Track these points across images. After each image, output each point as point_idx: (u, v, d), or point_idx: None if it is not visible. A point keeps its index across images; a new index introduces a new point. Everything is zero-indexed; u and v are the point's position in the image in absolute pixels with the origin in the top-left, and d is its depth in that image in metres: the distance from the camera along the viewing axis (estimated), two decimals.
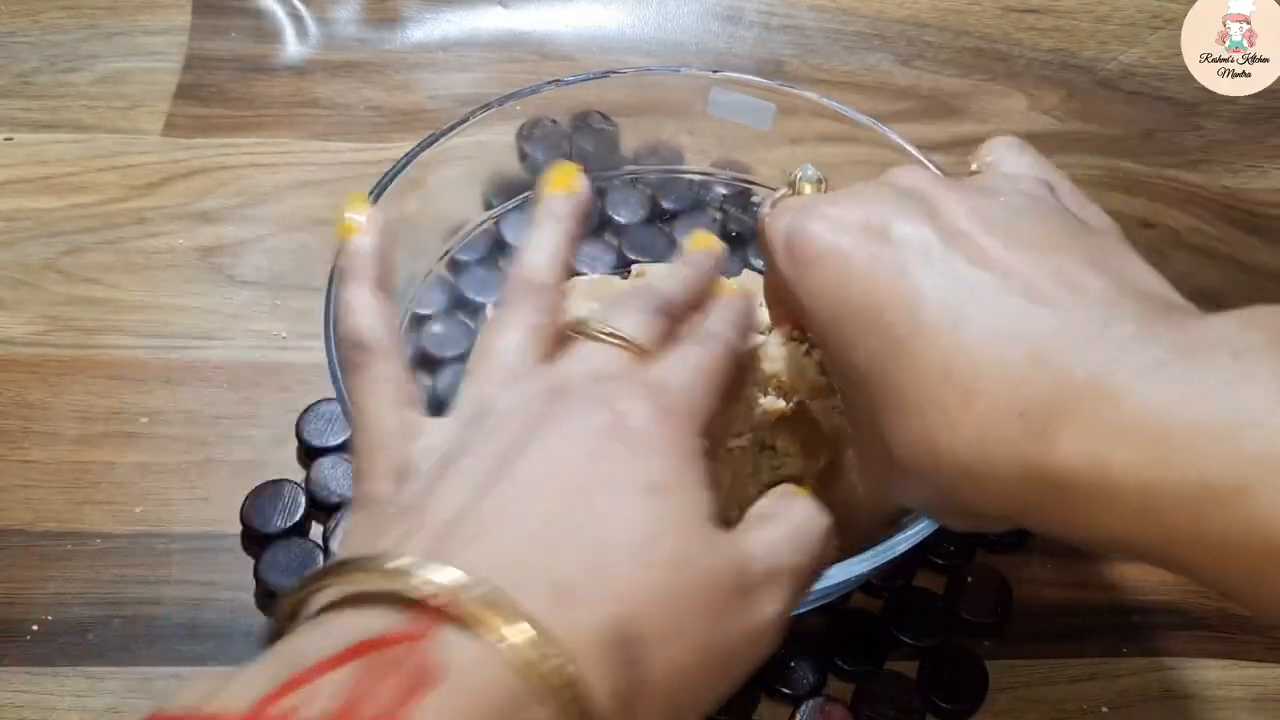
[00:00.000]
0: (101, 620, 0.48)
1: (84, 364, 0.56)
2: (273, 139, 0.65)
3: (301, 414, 0.53)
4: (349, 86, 0.68)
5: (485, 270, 0.56)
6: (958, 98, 0.69)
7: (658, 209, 0.59)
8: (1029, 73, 0.71)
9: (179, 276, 0.59)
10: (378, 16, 0.71)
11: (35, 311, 0.57)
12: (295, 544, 0.49)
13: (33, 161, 0.63)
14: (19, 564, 0.50)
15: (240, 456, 0.53)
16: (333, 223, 0.61)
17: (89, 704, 0.46)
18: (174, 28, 0.70)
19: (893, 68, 0.71)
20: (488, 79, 0.69)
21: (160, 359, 0.56)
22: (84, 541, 0.50)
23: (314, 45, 0.70)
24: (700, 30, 0.72)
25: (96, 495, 0.52)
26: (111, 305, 0.58)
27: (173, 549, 0.50)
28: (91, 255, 0.60)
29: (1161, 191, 0.65)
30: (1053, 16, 0.73)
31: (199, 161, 0.64)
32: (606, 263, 0.57)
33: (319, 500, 0.51)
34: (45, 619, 0.48)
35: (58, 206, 0.61)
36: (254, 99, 0.67)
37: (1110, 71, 0.71)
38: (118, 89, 0.67)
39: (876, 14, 0.73)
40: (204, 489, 0.52)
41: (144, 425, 0.54)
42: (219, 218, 0.62)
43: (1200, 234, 0.63)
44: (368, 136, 0.66)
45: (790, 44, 0.71)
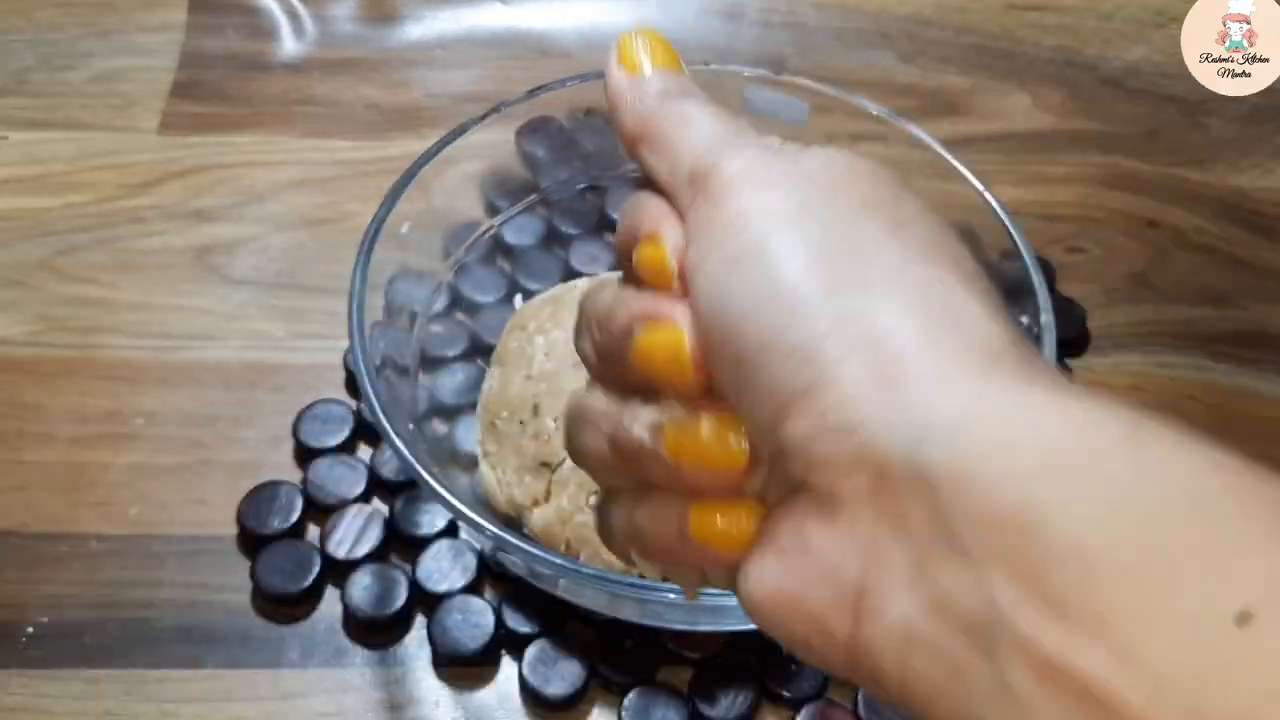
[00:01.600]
0: (97, 623, 0.48)
1: (79, 364, 0.55)
2: (269, 137, 0.65)
3: (298, 415, 0.53)
4: (346, 84, 0.68)
5: (485, 270, 0.55)
6: (960, 96, 0.69)
7: None
8: (1032, 71, 0.70)
9: (175, 276, 0.59)
10: (375, 14, 0.71)
11: (30, 311, 0.57)
12: (292, 546, 0.49)
13: (28, 160, 0.63)
14: (14, 566, 0.49)
15: (236, 458, 0.53)
16: (330, 222, 0.61)
17: (85, 707, 0.46)
18: (170, 25, 0.69)
19: (894, 65, 0.70)
20: (486, 76, 0.68)
21: (156, 359, 0.56)
22: (79, 543, 0.50)
23: (311, 43, 0.70)
24: (701, 27, 0.72)
25: (92, 497, 0.51)
26: (107, 305, 0.58)
27: (168, 551, 0.50)
28: (87, 255, 0.59)
29: (1165, 190, 0.64)
30: (1056, 14, 0.72)
31: (195, 160, 0.63)
32: (606, 262, 0.57)
33: (316, 502, 0.50)
34: (40, 621, 0.48)
35: (53, 205, 0.61)
36: (250, 97, 0.67)
37: (1114, 69, 0.70)
38: (113, 87, 0.66)
39: (878, 11, 0.72)
40: (200, 490, 0.52)
41: (139, 426, 0.53)
42: (215, 217, 0.61)
43: (1204, 233, 0.63)
44: (365, 134, 0.65)
45: (791, 41, 0.71)
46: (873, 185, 0.26)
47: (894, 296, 0.23)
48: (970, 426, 0.21)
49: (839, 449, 0.23)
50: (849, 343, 0.23)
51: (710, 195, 0.26)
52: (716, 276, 0.25)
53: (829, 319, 0.23)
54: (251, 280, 0.59)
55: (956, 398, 0.22)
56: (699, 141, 0.28)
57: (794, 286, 0.24)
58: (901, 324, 0.23)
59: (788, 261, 0.24)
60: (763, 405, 0.24)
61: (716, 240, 0.26)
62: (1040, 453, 0.21)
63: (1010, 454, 0.21)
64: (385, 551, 0.49)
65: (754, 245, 0.25)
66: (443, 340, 0.53)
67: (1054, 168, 0.65)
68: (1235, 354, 0.58)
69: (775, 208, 0.25)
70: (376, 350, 0.46)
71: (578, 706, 0.46)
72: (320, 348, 0.56)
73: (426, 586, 0.48)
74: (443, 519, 0.50)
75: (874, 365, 0.22)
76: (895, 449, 0.22)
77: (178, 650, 0.47)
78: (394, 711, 0.46)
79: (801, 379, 0.23)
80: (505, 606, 0.48)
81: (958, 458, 0.21)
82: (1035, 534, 0.20)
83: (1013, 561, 0.20)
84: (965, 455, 0.21)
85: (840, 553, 0.23)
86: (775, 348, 0.24)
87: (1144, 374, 0.57)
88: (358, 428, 0.53)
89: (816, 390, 0.23)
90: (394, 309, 0.49)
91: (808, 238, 0.24)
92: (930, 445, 0.21)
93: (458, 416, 0.52)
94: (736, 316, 0.24)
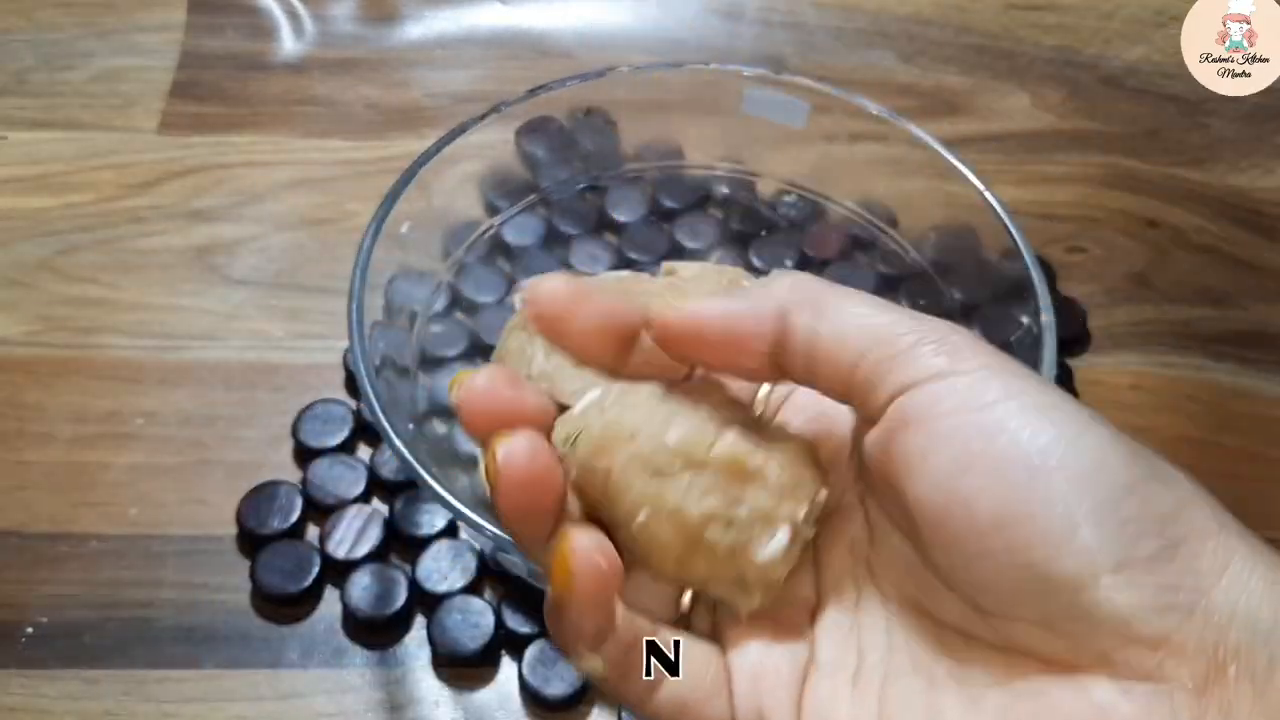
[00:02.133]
0: (96, 622, 0.48)
1: (79, 364, 0.55)
2: (269, 137, 0.65)
3: (298, 415, 0.53)
4: (346, 84, 0.68)
5: (485, 270, 0.55)
6: (960, 95, 0.69)
7: (658, 207, 0.58)
8: (1032, 70, 0.70)
9: (174, 276, 0.59)
10: (375, 13, 0.71)
11: (30, 311, 0.57)
12: (291, 546, 0.49)
13: (27, 160, 0.63)
14: (13, 566, 0.49)
15: (236, 458, 0.53)
16: (329, 221, 0.61)
17: (84, 706, 0.46)
18: (169, 25, 0.69)
19: (894, 65, 0.70)
20: (485, 76, 0.68)
21: (155, 359, 0.56)
22: (79, 543, 0.50)
23: (310, 42, 0.70)
24: (701, 26, 0.72)
25: (91, 497, 0.51)
26: (106, 305, 0.57)
27: (168, 551, 0.50)
28: (86, 255, 0.59)
29: (1165, 190, 0.64)
30: (1056, 13, 0.72)
31: (194, 160, 0.63)
32: (605, 262, 0.57)
33: (315, 502, 0.50)
34: (40, 621, 0.48)
35: (52, 205, 0.61)
36: (250, 97, 0.67)
37: (1114, 69, 0.70)
38: (113, 87, 0.66)
39: (878, 11, 0.72)
40: (199, 490, 0.52)
41: (139, 426, 0.53)
42: (215, 216, 0.61)
43: (1204, 233, 0.63)
44: (364, 134, 0.65)
45: (791, 41, 0.71)
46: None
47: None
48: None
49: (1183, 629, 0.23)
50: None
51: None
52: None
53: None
54: (251, 280, 0.59)
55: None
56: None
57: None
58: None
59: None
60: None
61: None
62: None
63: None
64: (385, 552, 0.49)
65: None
66: (442, 340, 0.53)
67: (1054, 167, 0.65)
68: (1236, 354, 0.58)
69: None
70: (376, 350, 0.46)
71: (577, 707, 0.46)
72: (320, 348, 0.56)
73: (426, 587, 0.48)
74: (442, 519, 0.50)
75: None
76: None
77: (177, 650, 0.47)
78: (394, 712, 0.46)
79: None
80: (505, 607, 0.48)
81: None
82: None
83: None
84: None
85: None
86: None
87: (1144, 373, 0.57)
88: (357, 428, 0.53)
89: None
90: (394, 309, 0.49)
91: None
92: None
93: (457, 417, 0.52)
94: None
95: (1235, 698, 0.22)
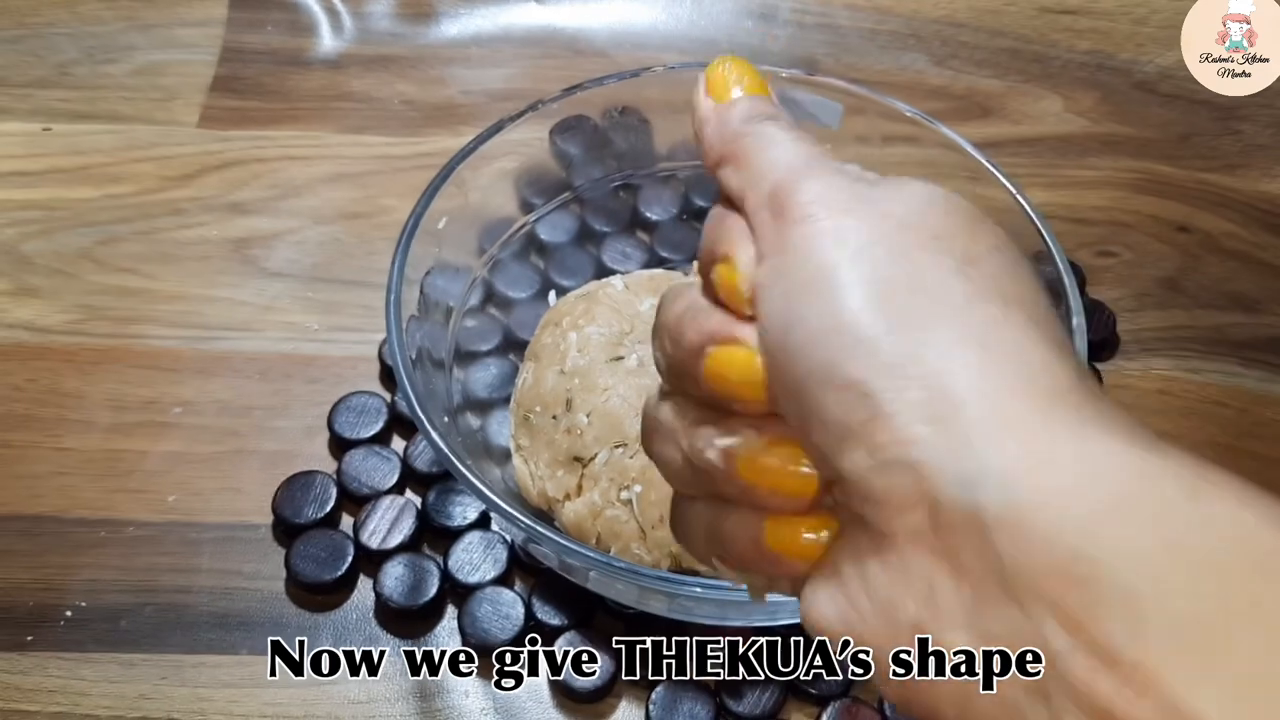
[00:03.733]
0: (134, 608, 0.49)
1: (118, 353, 0.56)
2: (307, 132, 0.66)
3: (333, 406, 0.53)
4: (382, 80, 0.68)
5: (519, 266, 0.56)
6: (992, 99, 0.69)
7: (690, 206, 0.59)
8: (1065, 74, 0.70)
9: (212, 268, 0.60)
10: (412, 11, 0.72)
11: (71, 300, 0.58)
12: (326, 535, 0.50)
13: (70, 152, 0.64)
14: (53, 551, 0.50)
15: (271, 447, 0.53)
16: (365, 216, 0.62)
17: (120, 690, 0.47)
18: (211, 20, 0.70)
19: (927, 68, 0.70)
20: (521, 74, 0.69)
21: (193, 350, 0.56)
22: (117, 529, 0.51)
23: (348, 39, 0.70)
24: (733, 27, 0.72)
25: (129, 484, 0.52)
26: (146, 295, 0.58)
27: (204, 538, 0.51)
28: (126, 245, 0.60)
29: (1197, 196, 0.64)
30: (1090, 18, 0.72)
31: (234, 154, 0.64)
32: (638, 260, 0.58)
33: (350, 492, 0.51)
34: (79, 605, 0.49)
35: (94, 196, 0.62)
36: (289, 92, 0.67)
37: (1147, 74, 0.70)
38: (154, 81, 0.67)
39: (912, 13, 0.72)
40: (236, 479, 0.52)
41: (177, 415, 0.54)
42: (253, 210, 0.62)
43: (1236, 239, 0.63)
44: (401, 130, 0.66)
45: (824, 42, 0.71)
46: (946, 218, 0.26)
47: (955, 335, 0.23)
48: (1026, 473, 0.21)
49: (894, 486, 0.23)
50: (907, 380, 0.23)
51: (784, 218, 0.26)
52: (783, 302, 0.25)
53: (888, 354, 0.23)
54: (288, 273, 0.60)
55: (1013, 442, 0.22)
56: (779, 163, 0.27)
57: (856, 319, 0.24)
58: (961, 363, 0.23)
59: (852, 293, 0.24)
60: (822, 434, 0.24)
61: (786, 265, 0.25)
62: (1096, 503, 0.21)
63: (1065, 503, 0.21)
64: (417, 542, 0.50)
65: (820, 273, 0.25)
66: (477, 335, 0.54)
67: (1085, 171, 0.65)
68: (1266, 360, 0.58)
69: (845, 236, 0.25)
70: (412, 343, 0.46)
71: (605, 699, 0.47)
72: (355, 340, 0.57)
73: (458, 577, 0.49)
74: (474, 511, 0.51)
75: (931, 405, 0.22)
76: (949, 491, 0.22)
77: (213, 636, 0.48)
78: (424, 700, 0.47)
79: (859, 413, 0.23)
80: (535, 598, 0.48)
81: (1012, 505, 0.21)
82: (1088, 584, 0.20)
83: (1065, 609, 0.20)
84: (1019, 503, 0.21)
85: (896, 589, 0.23)
86: (834, 379, 0.23)
87: (1173, 379, 0.57)
88: (392, 420, 0.53)
89: (873, 425, 0.23)
90: (429, 303, 0.50)
91: (874, 269, 0.24)
92: (985, 490, 0.21)
93: (491, 410, 0.52)
94: (799, 344, 0.24)
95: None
